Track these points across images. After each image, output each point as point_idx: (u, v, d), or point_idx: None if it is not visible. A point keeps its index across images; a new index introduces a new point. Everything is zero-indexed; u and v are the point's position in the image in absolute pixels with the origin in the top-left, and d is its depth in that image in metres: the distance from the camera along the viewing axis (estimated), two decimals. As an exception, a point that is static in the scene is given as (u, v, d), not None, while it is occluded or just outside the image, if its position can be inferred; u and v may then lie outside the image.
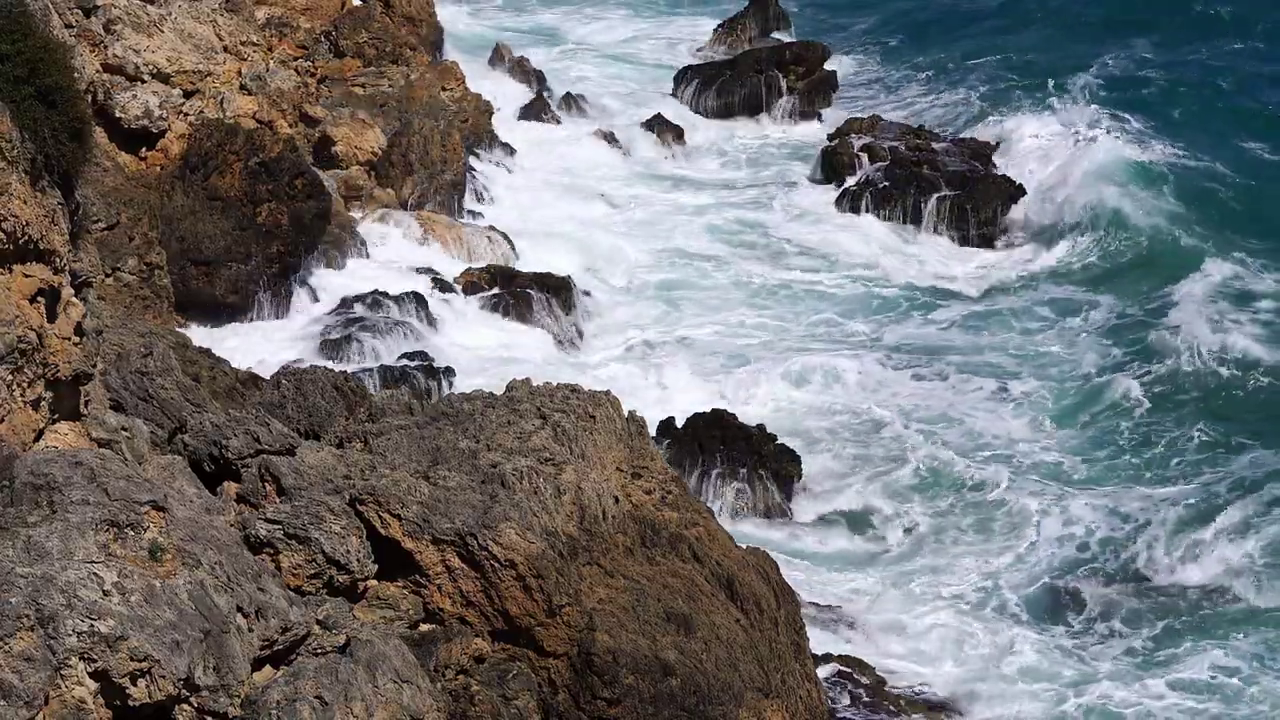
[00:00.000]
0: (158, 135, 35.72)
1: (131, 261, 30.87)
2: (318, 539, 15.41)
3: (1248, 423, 32.12)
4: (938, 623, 25.38)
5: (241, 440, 16.49)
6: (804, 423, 32.28)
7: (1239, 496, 28.74)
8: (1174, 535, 27.67)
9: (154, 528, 12.51)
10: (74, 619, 11.61)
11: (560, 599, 16.15)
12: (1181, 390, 33.48)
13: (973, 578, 26.94)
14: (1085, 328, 37.39)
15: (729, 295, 39.53)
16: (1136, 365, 34.77)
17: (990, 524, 28.68)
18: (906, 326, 37.87)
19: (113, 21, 36.43)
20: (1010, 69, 58.27)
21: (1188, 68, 56.77)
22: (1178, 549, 27.28)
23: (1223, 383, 33.80)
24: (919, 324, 38.05)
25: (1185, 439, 31.51)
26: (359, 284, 36.47)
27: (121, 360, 18.73)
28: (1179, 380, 33.80)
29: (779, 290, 39.86)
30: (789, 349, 36.03)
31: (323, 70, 44.23)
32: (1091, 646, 25.07)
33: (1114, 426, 32.22)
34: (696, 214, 45.03)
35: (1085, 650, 24.95)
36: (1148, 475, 30.35)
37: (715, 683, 16.65)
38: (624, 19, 66.76)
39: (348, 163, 39.82)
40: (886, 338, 37.06)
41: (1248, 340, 35.11)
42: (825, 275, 41.04)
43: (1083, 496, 29.31)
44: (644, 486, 18.65)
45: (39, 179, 13.58)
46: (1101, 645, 25.10)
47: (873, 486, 29.74)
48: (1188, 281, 38.42)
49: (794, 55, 56.04)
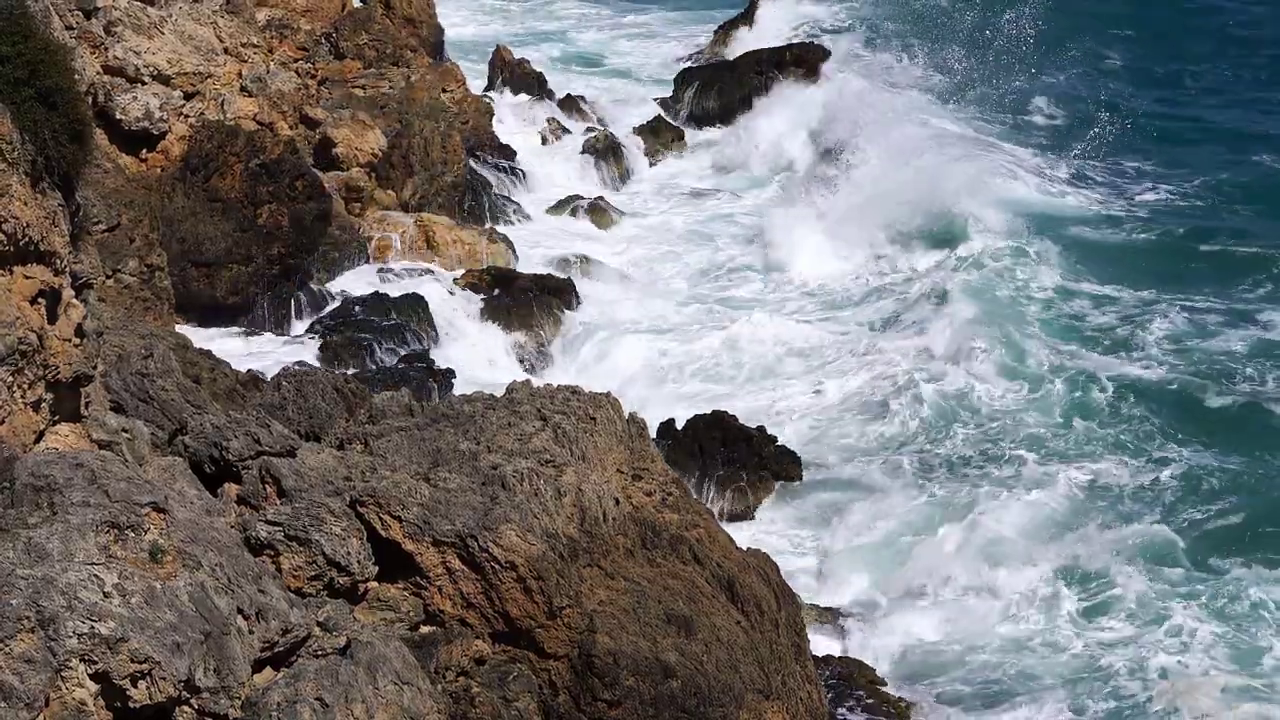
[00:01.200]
0: (158, 137, 35.75)
1: (132, 263, 30.89)
2: (318, 541, 15.41)
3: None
4: (940, 624, 25.37)
5: (242, 442, 16.49)
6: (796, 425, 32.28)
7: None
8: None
9: (154, 529, 12.51)
10: (74, 621, 11.61)
11: (561, 601, 16.15)
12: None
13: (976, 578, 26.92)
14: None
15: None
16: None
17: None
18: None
19: (113, 23, 36.46)
20: (1014, 69, 58.38)
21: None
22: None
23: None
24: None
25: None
26: (359, 286, 36.52)
27: (122, 362, 18.73)
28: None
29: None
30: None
31: (323, 72, 44.26)
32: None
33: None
34: (697, 213, 45.12)
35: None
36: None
37: (716, 684, 16.65)
38: (625, 19, 66.78)
39: (348, 164, 39.84)
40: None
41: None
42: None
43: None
44: (644, 488, 18.66)
45: (39, 180, 13.58)
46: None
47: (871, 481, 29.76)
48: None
49: (794, 56, 56.10)
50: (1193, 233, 42.36)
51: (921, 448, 31.05)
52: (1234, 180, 47.25)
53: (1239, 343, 35.10)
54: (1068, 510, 28.28)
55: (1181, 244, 41.63)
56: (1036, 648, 24.62)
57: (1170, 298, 37.64)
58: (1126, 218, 43.84)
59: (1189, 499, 28.62)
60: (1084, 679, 23.50)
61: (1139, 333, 35.66)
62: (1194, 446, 30.53)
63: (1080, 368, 33.70)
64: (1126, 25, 66.29)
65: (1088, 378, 33.16)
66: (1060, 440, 31.07)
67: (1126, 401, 32.29)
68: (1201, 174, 47.65)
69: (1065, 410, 32.17)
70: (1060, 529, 27.58)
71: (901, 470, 30.04)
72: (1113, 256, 40.87)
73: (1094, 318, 37.12)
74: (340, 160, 39.77)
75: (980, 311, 36.48)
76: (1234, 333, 35.63)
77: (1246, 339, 35.33)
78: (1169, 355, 34.60)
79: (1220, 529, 27.67)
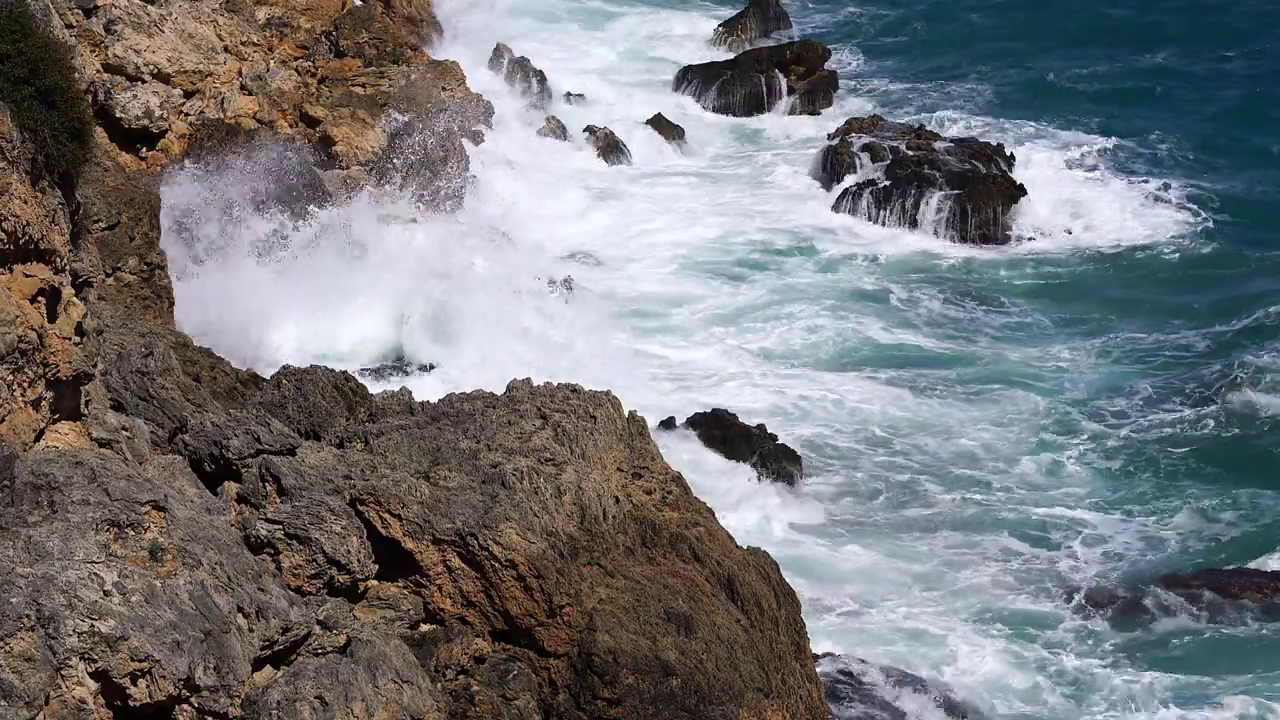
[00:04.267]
0: (158, 135, 35.79)
1: (132, 261, 30.85)
2: (318, 539, 15.41)
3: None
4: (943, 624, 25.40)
5: (242, 440, 16.48)
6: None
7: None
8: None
9: (154, 528, 12.51)
10: (74, 619, 11.61)
11: (561, 599, 16.15)
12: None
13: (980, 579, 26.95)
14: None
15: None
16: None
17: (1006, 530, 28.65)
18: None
19: (113, 21, 36.48)
20: (1013, 71, 58.41)
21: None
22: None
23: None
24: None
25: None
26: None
27: (122, 360, 18.71)
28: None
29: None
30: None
31: (323, 70, 44.23)
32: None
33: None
34: (696, 215, 45.09)
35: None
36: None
37: (716, 683, 16.64)
38: (624, 19, 66.75)
39: (348, 162, 39.82)
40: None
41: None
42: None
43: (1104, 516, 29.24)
44: (644, 486, 18.65)
45: (39, 179, 13.57)
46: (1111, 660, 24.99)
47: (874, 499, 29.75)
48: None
49: (794, 55, 56.09)
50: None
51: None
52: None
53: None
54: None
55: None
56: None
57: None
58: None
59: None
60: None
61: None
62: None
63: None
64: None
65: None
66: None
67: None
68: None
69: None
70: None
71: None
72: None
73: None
74: (340, 158, 39.75)
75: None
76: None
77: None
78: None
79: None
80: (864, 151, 47.48)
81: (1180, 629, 25.60)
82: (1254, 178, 48.00)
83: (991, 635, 25.14)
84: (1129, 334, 37.23)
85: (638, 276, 40.38)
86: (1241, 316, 37.45)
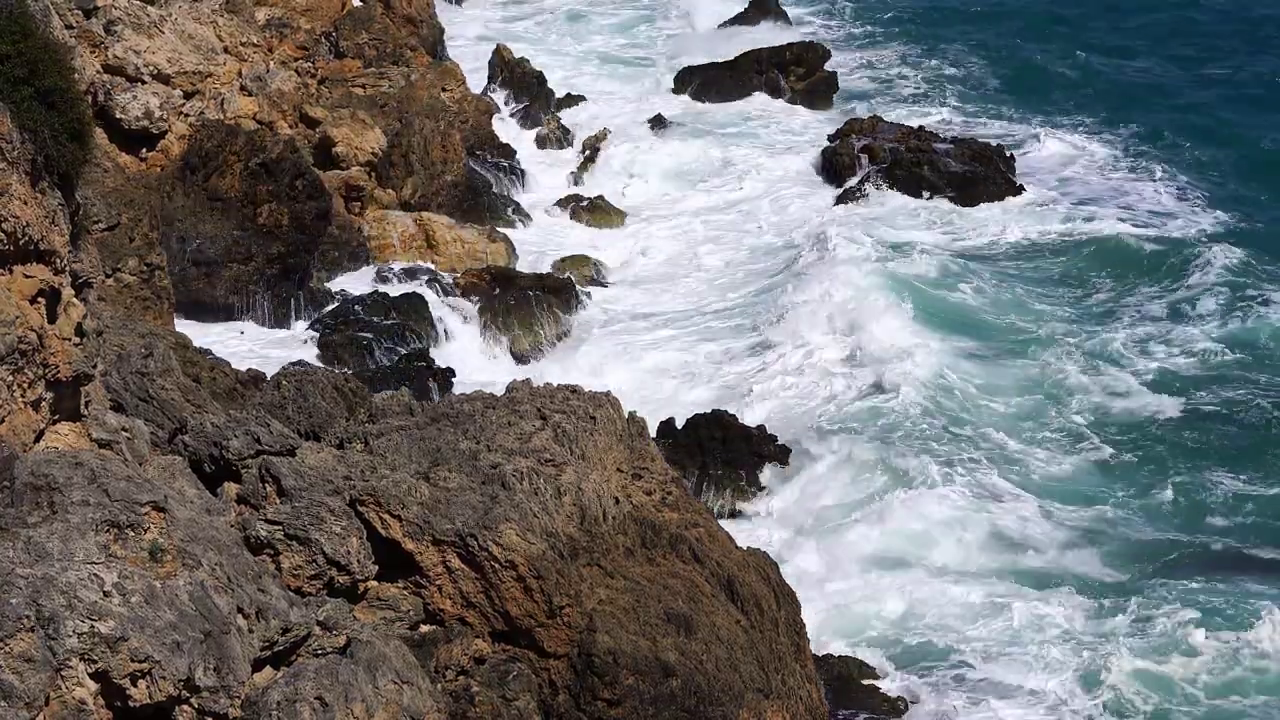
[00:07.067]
0: (158, 136, 35.77)
1: (132, 262, 30.88)
2: (318, 540, 15.41)
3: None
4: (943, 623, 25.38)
5: (242, 441, 16.48)
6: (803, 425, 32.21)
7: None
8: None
9: (154, 528, 12.51)
10: (74, 620, 11.61)
11: (560, 600, 16.14)
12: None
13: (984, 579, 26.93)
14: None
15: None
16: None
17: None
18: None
19: (113, 22, 36.48)
20: (1012, 70, 58.44)
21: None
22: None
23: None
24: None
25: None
26: (359, 285, 36.49)
27: (122, 361, 18.72)
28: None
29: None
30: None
31: (323, 71, 44.24)
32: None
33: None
34: (697, 214, 45.15)
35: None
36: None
37: (716, 683, 16.64)
38: (625, 18, 66.78)
39: (348, 163, 39.82)
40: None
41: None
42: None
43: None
44: (644, 487, 18.66)
45: (39, 180, 13.57)
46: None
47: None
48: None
49: (794, 55, 56.12)
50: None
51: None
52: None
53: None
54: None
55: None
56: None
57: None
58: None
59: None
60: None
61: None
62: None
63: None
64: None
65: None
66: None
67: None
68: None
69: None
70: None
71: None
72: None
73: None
74: (340, 159, 39.74)
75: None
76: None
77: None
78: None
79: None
80: (864, 153, 47.49)
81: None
82: (1255, 178, 48.02)
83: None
84: (1129, 332, 37.17)
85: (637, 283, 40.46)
86: (1246, 317, 37.57)
